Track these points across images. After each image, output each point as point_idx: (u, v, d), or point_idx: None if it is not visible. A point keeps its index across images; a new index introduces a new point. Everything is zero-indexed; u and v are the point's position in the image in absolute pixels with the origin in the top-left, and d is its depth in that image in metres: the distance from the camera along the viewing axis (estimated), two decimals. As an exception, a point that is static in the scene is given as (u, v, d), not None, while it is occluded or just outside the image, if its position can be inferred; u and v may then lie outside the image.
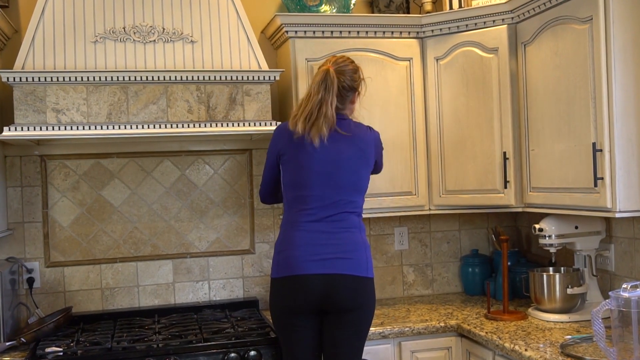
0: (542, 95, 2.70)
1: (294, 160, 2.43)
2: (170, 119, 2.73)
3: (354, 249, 2.39)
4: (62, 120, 2.63)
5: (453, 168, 3.05)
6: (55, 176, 3.07)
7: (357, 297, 2.36)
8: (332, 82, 2.38)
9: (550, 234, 2.78)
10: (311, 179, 2.40)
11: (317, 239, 2.38)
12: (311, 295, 2.35)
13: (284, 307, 2.40)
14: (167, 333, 2.75)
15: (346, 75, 2.44)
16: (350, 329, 2.38)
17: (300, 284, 2.35)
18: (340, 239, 2.39)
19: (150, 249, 3.18)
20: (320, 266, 2.34)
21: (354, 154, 2.44)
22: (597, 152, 2.36)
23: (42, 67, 2.64)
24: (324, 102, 2.37)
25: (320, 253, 2.35)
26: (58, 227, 3.07)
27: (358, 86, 2.50)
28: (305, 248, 2.36)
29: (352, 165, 2.43)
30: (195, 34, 2.82)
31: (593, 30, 2.38)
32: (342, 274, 2.34)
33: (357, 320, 2.38)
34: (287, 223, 2.45)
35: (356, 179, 2.44)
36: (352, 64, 2.48)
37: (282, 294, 2.40)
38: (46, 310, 3.01)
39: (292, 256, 2.37)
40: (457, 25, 3.00)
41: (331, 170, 2.40)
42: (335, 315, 2.38)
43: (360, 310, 2.38)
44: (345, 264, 2.35)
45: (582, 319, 2.72)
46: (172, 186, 3.20)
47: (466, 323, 2.82)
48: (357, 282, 2.36)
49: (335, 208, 2.40)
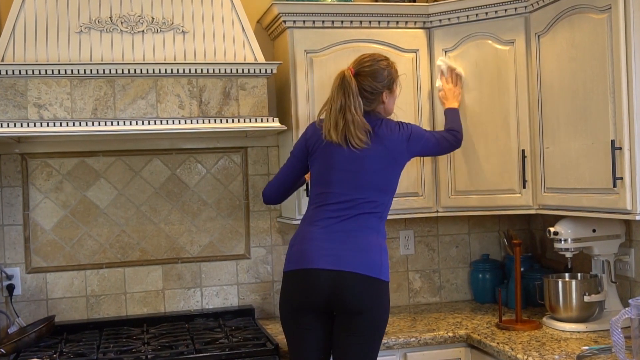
0: (558, 90, 2.70)
1: (322, 157, 2.53)
2: (160, 115, 2.73)
3: (368, 249, 2.43)
4: (45, 116, 2.63)
5: (464, 167, 3.05)
6: (37, 176, 3.07)
7: (367, 298, 2.38)
8: (349, 86, 2.46)
9: (566, 238, 2.78)
10: (334, 176, 2.49)
11: (330, 235, 2.44)
12: (318, 292, 2.39)
13: (292, 303, 2.45)
14: (156, 344, 2.75)
15: (368, 76, 2.50)
16: (359, 333, 2.39)
17: (308, 278, 2.40)
18: (355, 238, 2.43)
19: (139, 253, 3.18)
20: (330, 262, 2.39)
21: (379, 153, 2.49)
22: (616, 150, 2.36)
23: (22, 59, 2.64)
24: (347, 109, 2.45)
25: (332, 249, 2.41)
26: (40, 231, 3.07)
27: (385, 87, 2.53)
28: (316, 243, 2.44)
29: (375, 164, 2.48)
30: (187, 24, 2.82)
31: (612, 19, 2.37)
32: (351, 271, 2.38)
33: (366, 325, 2.39)
34: (305, 219, 2.55)
35: (379, 178, 2.50)
36: (377, 63, 2.52)
37: (290, 290, 2.46)
38: (27, 319, 3.01)
39: (303, 250, 2.44)
40: (467, 14, 3.00)
41: (354, 170, 2.47)
42: (345, 317, 2.41)
43: (369, 314, 2.38)
44: (356, 263, 2.39)
45: (600, 328, 2.72)
46: (162, 187, 3.20)
47: (476, 333, 2.82)
48: (368, 283, 2.38)
49: (353, 208, 2.46)
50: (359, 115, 2.45)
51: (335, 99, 2.47)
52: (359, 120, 2.45)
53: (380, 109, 2.57)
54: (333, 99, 2.48)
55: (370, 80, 2.50)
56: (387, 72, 2.53)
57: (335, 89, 2.49)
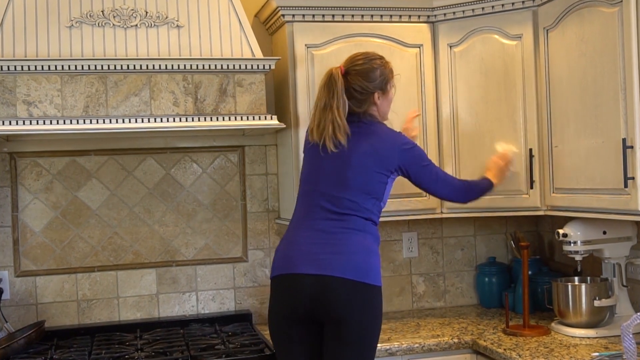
0: (567, 86, 2.70)
1: (308, 157, 2.56)
2: (153, 112, 2.73)
3: (352, 251, 2.38)
4: (34, 114, 2.63)
5: (469, 166, 3.04)
6: (26, 176, 3.07)
7: (353, 304, 2.33)
8: (335, 85, 2.44)
9: (575, 240, 2.78)
10: (319, 175, 2.49)
11: (315, 237, 2.42)
12: (301, 298, 2.36)
13: (277, 312, 2.44)
14: (150, 350, 2.75)
15: (358, 75, 2.48)
16: (346, 343, 2.33)
17: (291, 283, 2.39)
18: (340, 240, 2.40)
19: (132, 256, 3.18)
20: (312, 266, 2.36)
21: (365, 151, 2.45)
22: (627, 149, 2.36)
23: (11, 54, 2.64)
24: (330, 108, 2.43)
25: (315, 252, 2.38)
26: (29, 233, 3.07)
27: (377, 88, 2.50)
28: (300, 247, 2.42)
29: (361, 164, 2.45)
30: (182, 18, 2.82)
31: (623, 13, 2.37)
32: (334, 276, 2.34)
33: (355, 334, 2.33)
34: (292, 222, 2.55)
35: (362, 178, 2.45)
36: (370, 62, 2.50)
37: (274, 297, 2.45)
38: (16, 324, 3.01)
39: (286, 255, 2.45)
40: (472, 8, 3.00)
41: (340, 169, 2.45)
42: (332, 326, 2.36)
43: (357, 321, 2.32)
44: (339, 266, 2.35)
45: (611, 334, 2.72)
46: (156, 187, 3.20)
47: (482, 339, 2.82)
48: (353, 288, 2.34)
49: (338, 208, 2.44)
50: (341, 116, 2.42)
51: (320, 97, 2.47)
52: (339, 122, 2.42)
53: (374, 111, 2.54)
54: (319, 97, 2.48)
55: (360, 79, 2.47)
56: (380, 72, 2.50)
57: (321, 87, 2.48)
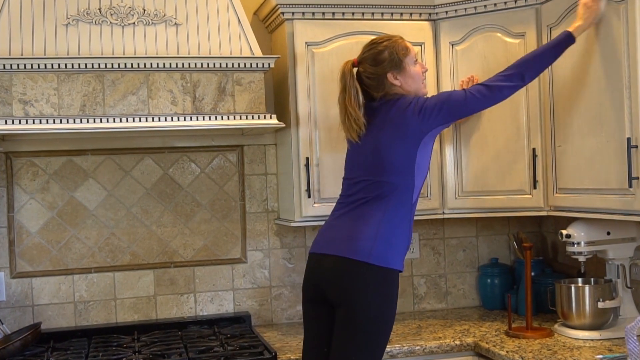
0: (570, 85, 2.70)
1: (347, 149, 2.63)
2: (151, 112, 2.73)
3: (358, 231, 2.37)
4: (30, 113, 2.63)
5: (471, 167, 3.05)
6: (22, 176, 3.07)
7: (347, 285, 2.30)
8: (344, 79, 2.52)
9: (579, 241, 2.78)
10: (352, 165, 2.57)
11: (336, 220, 2.49)
12: (308, 278, 2.49)
13: (303, 286, 2.54)
14: (148, 352, 2.75)
15: (366, 62, 2.53)
16: (343, 328, 2.31)
17: (308, 263, 2.52)
18: (350, 221, 2.43)
19: (129, 257, 3.18)
20: (320, 245, 2.46)
21: (387, 129, 2.48)
22: (632, 149, 2.36)
23: (7, 53, 2.63)
24: (344, 102, 2.52)
25: (330, 233, 2.46)
26: (25, 233, 3.07)
27: (388, 68, 2.50)
28: (324, 229, 2.53)
29: (384, 143, 2.46)
30: (180, 16, 2.82)
31: (627, 10, 2.37)
32: (332, 254, 2.38)
33: (348, 318, 2.30)
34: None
35: (384, 156, 2.45)
36: (376, 47, 2.53)
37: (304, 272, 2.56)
38: (12, 326, 3.01)
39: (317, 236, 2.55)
40: (475, 6, 3.00)
41: (367, 154, 2.50)
42: (336, 308, 2.36)
43: (351, 304, 2.29)
44: (340, 245, 2.37)
45: (615, 336, 2.72)
46: (154, 187, 3.20)
47: (484, 341, 2.82)
48: (347, 266, 2.32)
49: (358, 191, 2.48)
50: (354, 107, 2.48)
51: (339, 94, 2.55)
52: (352, 114, 2.48)
53: (396, 90, 2.51)
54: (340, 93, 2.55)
55: (368, 66, 2.52)
56: (389, 52, 2.51)
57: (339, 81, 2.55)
